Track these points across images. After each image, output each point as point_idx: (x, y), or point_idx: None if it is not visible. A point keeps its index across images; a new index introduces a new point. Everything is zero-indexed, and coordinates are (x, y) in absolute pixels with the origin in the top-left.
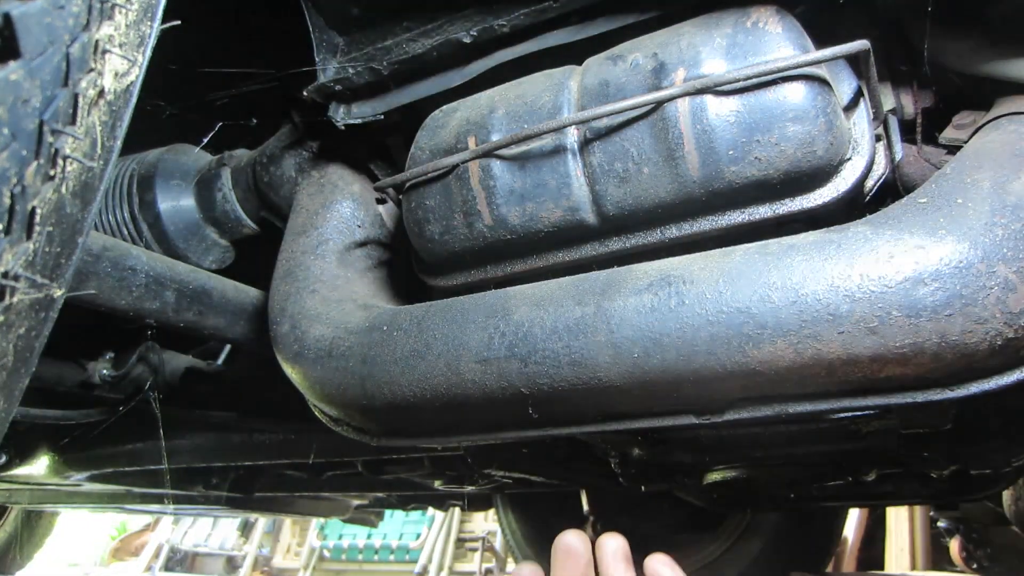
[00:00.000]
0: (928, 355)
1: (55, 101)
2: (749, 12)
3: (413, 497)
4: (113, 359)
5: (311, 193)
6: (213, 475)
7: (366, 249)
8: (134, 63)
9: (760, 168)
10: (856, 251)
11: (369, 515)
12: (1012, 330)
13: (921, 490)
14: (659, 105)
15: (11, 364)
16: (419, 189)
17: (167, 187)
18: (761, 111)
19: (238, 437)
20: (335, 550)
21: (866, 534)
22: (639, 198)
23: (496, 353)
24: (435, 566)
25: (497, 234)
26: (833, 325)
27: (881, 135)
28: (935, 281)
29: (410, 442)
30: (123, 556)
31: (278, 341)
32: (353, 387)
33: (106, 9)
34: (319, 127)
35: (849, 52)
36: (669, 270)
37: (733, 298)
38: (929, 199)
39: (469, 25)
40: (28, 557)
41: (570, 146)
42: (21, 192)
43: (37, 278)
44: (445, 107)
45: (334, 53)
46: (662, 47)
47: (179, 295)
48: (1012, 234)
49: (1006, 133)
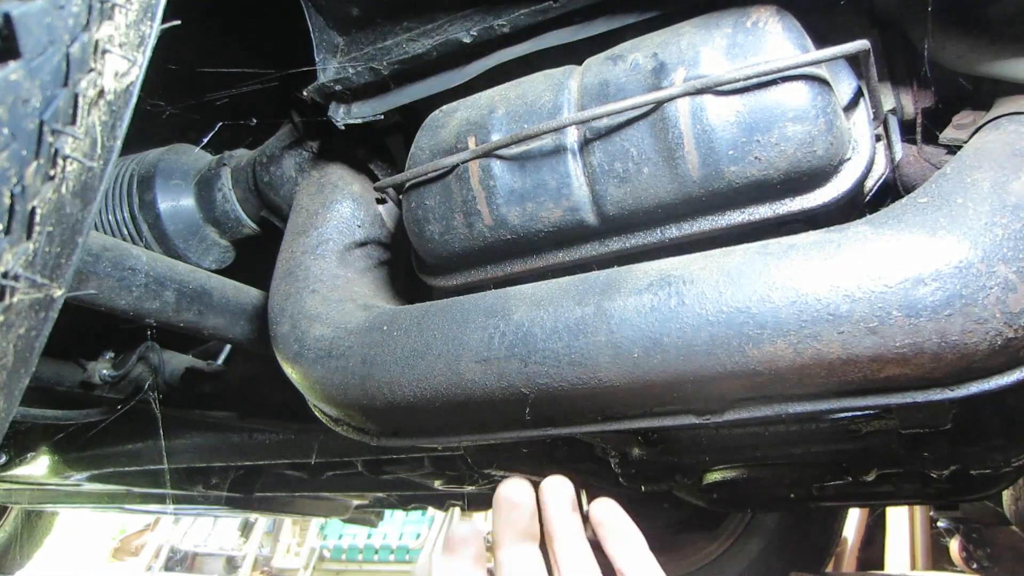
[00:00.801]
0: (928, 355)
1: (55, 101)
2: (749, 12)
3: (413, 497)
4: (113, 359)
5: (311, 193)
6: (213, 475)
7: (366, 249)
8: (134, 63)
9: (760, 168)
10: (856, 251)
11: (369, 515)
12: (1012, 330)
13: (921, 490)
14: (659, 105)
15: (11, 364)
16: (419, 189)
17: (167, 187)
18: (761, 111)
19: (238, 437)
20: (335, 550)
21: (866, 534)
22: (639, 198)
23: (496, 353)
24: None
25: (497, 234)
26: (833, 325)
27: (881, 135)
28: (935, 281)
29: (410, 442)
30: (123, 556)
31: (278, 341)
32: (353, 387)
33: (106, 9)
34: (319, 127)
35: (849, 52)
36: (669, 270)
37: (733, 298)
38: (929, 199)
39: (469, 25)
40: (28, 557)
41: (570, 146)
42: (21, 192)
43: (37, 278)
44: (445, 107)
45: (334, 53)
46: (662, 47)
47: (179, 295)
48: (1012, 234)
49: (1006, 133)
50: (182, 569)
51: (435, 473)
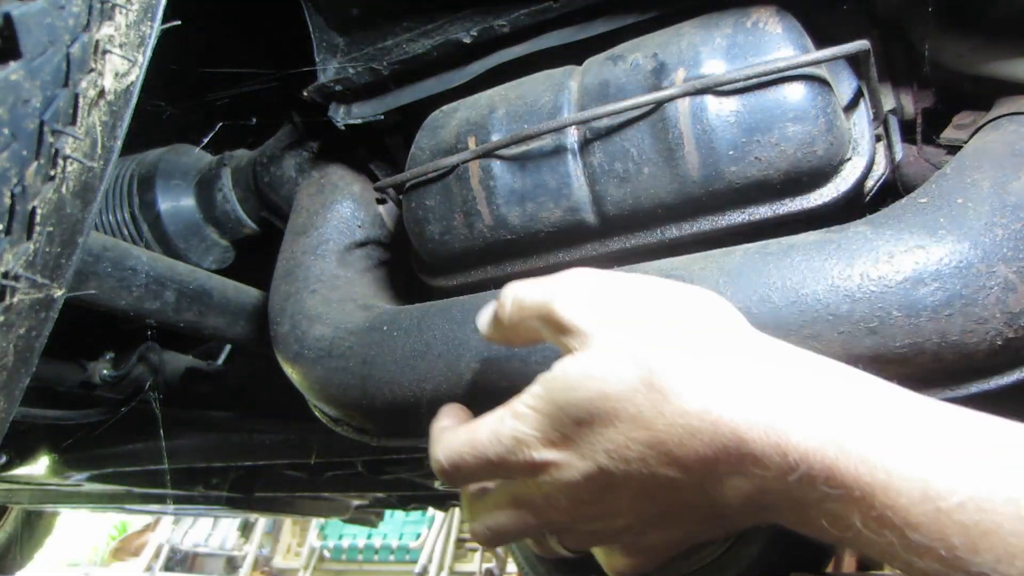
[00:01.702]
0: (928, 355)
1: (55, 101)
2: (749, 12)
3: (413, 497)
4: (113, 359)
5: (311, 193)
6: (213, 475)
7: (366, 249)
8: (134, 63)
9: (760, 168)
10: (856, 251)
11: (369, 515)
12: (1012, 330)
13: None
14: (659, 105)
15: (11, 364)
16: (419, 189)
17: (167, 187)
18: (761, 111)
19: (238, 437)
20: (335, 550)
21: None
22: (639, 198)
23: (496, 353)
24: (435, 566)
25: (497, 234)
26: (833, 325)
27: (881, 135)
28: (935, 281)
29: (410, 442)
30: (123, 556)
31: (278, 341)
32: (353, 387)
33: (106, 9)
34: (319, 127)
35: (849, 52)
36: (669, 270)
37: (733, 298)
38: (929, 199)
39: (469, 25)
40: (28, 557)
41: (570, 146)
42: (21, 192)
43: (37, 278)
44: (445, 107)
45: (334, 53)
46: (662, 47)
47: (179, 295)
48: (1012, 234)
49: (1006, 133)
50: (182, 569)
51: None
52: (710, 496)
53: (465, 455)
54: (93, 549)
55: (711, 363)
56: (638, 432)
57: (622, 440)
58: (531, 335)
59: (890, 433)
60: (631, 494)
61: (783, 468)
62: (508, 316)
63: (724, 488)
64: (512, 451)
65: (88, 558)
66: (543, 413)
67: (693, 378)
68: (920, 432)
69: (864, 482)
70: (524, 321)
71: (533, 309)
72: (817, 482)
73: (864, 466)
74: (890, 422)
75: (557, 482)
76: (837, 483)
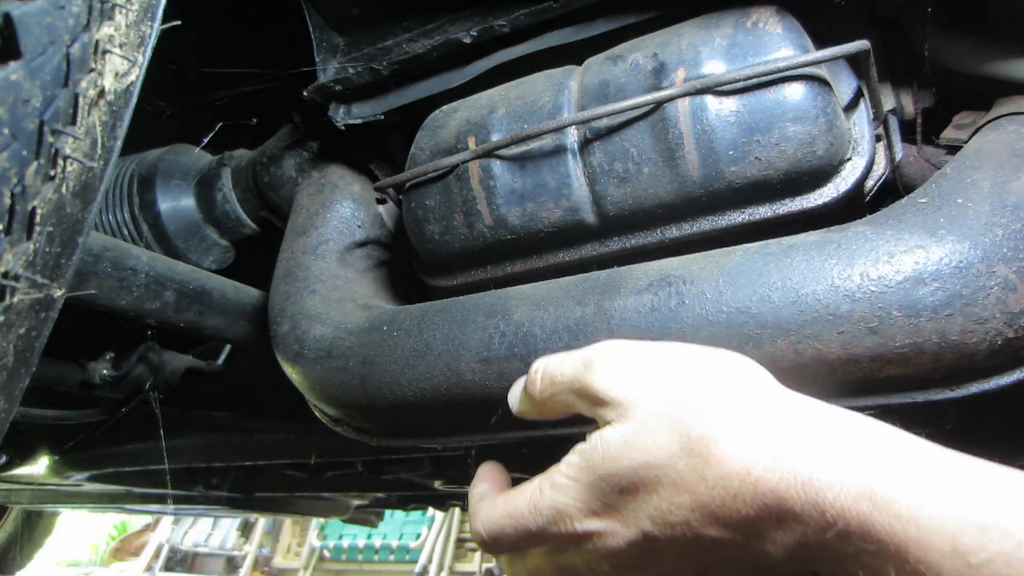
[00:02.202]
0: (928, 355)
1: (55, 101)
2: (749, 12)
3: (413, 497)
4: (113, 359)
5: (311, 193)
6: (213, 475)
7: (366, 249)
8: (134, 63)
9: (760, 168)
10: (856, 251)
11: (369, 515)
12: (1012, 330)
13: None
14: (659, 105)
15: (11, 364)
16: (419, 189)
17: (167, 187)
18: (761, 111)
19: (238, 437)
20: (335, 550)
21: None
22: (639, 198)
23: (496, 353)
24: (435, 566)
25: (497, 234)
26: (833, 325)
27: (881, 135)
28: (935, 281)
29: (410, 442)
30: (123, 556)
31: (278, 341)
32: (353, 387)
33: (106, 9)
34: (319, 127)
35: (849, 52)
36: (669, 270)
37: (733, 298)
38: (929, 199)
39: (469, 25)
40: (28, 557)
41: (570, 146)
42: (21, 192)
43: (37, 278)
44: (445, 107)
45: (334, 53)
46: (662, 47)
47: (179, 295)
48: (1012, 234)
49: (1006, 133)
50: (182, 569)
51: (435, 473)
52: (753, 551)
53: (506, 527)
54: (93, 549)
55: (746, 425)
56: (681, 497)
57: (666, 506)
58: (564, 408)
59: (919, 488)
60: (674, 555)
61: (822, 524)
62: (540, 392)
63: (768, 544)
64: (553, 522)
65: (88, 558)
66: (584, 483)
67: (730, 441)
68: (948, 486)
69: (898, 538)
70: (556, 396)
71: (566, 384)
72: (854, 537)
73: (898, 522)
74: (919, 477)
75: (600, 550)
76: (872, 539)
